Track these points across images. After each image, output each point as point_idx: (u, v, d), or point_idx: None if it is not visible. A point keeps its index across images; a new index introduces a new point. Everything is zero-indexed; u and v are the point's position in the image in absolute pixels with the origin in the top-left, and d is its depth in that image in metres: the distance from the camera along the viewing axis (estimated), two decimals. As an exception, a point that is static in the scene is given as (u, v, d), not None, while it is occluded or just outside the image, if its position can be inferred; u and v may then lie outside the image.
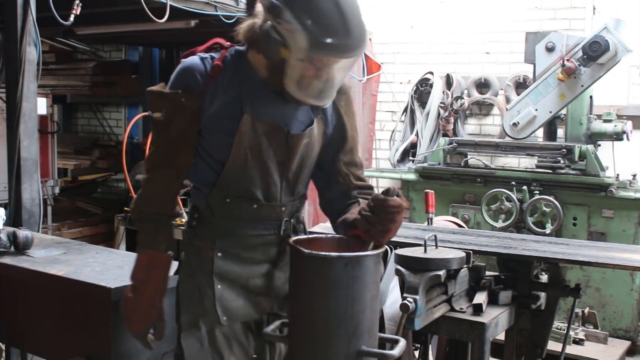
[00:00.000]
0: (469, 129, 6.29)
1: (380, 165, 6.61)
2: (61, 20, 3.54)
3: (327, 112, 2.09)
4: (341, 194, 2.09)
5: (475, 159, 5.53)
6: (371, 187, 2.13)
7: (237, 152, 1.97)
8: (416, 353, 2.81)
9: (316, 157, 2.10)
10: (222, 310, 2.00)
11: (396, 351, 1.80)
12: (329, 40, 1.78)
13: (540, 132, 5.40)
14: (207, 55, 2.05)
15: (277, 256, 2.07)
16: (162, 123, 1.99)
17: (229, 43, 2.09)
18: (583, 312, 4.57)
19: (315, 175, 2.15)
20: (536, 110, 5.03)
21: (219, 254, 2.02)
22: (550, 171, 5.03)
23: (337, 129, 2.11)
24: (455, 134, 6.03)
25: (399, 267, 2.30)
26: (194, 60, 2.04)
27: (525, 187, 4.92)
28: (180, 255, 2.11)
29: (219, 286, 2.01)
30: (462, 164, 5.47)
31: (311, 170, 2.12)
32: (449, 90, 6.10)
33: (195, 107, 1.96)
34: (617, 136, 5.02)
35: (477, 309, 2.43)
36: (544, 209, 4.82)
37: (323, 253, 1.80)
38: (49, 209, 5.23)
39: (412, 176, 5.58)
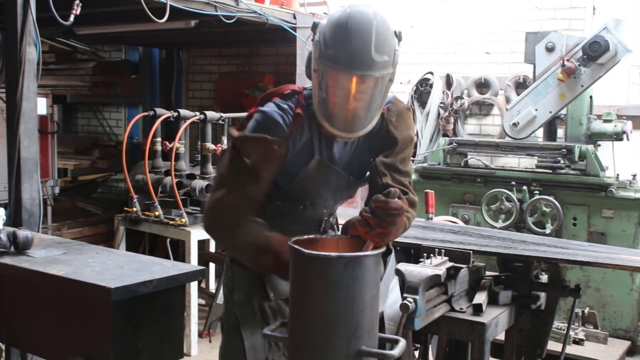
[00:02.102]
0: (469, 129, 6.29)
1: (380, 165, 6.59)
2: (61, 20, 3.54)
3: (377, 128, 2.22)
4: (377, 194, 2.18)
5: (475, 159, 5.53)
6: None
7: (297, 182, 2.24)
8: (416, 353, 2.81)
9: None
10: (270, 288, 2.30)
11: (396, 351, 1.81)
12: (330, 51, 2.01)
13: (540, 132, 5.40)
14: (285, 104, 2.20)
15: None
16: (252, 168, 2.13)
17: (301, 87, 2.26)
18: (583, 312, 4.57)
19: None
20: (536, 110, 5.03)
21: None
22: (550, 171, 5.03)
23: (384, 139, 2.26)
24: (455, 134, 6.03)
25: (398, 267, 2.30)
26: (275, 111, 2.18)
27: (525, 187, 4.93)
28: None
29: None
30: (462, 164, 5.47)
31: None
32: (449, 90, 6.10)
33: (283, 153, 2.17)
34: (617, 136, 5.01)
35: (477, 309, 2.43)
36: (544, 209, 4.82)
37: (323, 253, 1.80)
38: (49, 209, 5.23)
39: (412, 176, 5.56)
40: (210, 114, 5.11)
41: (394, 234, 1.92)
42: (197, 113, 5.09)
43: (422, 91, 6.22)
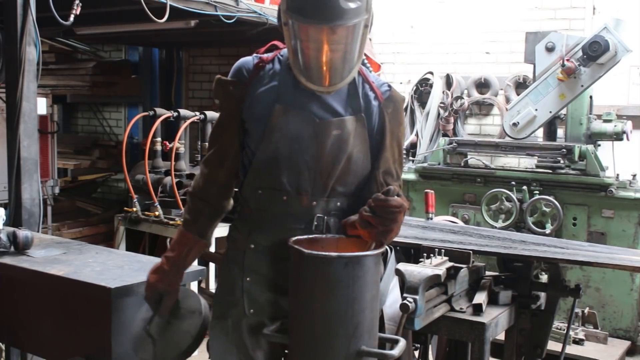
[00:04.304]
0: (469, 129, 6.29)
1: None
2: (61, 20, 3.54)
3: (372, 114, 2.09)
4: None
5: (475, 159, 5.53)
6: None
7: (267, 141, 2.04)
8: (416, 353, 2.81)
9: (357, 156, 2.08)
10: (249, 303, 2.07)
11: (396, 351, 1.81)
12: (296, 2, 1.89)
13: (540, 132, 5.40)
14: (259, 55, 2.16)
15: None
16: (218, 109, 2.17)
17: (284, 44, 2.14)
18: (583, 312, 4.57)
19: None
20: (536, 110, 5.03)
21: (252, 246, 2.08)
22: (550, 171, 5.03)
23: (379, 134, 2.10)
24: (455, 134, 6.03)
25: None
26: (246, 58, 2.16)
27: (525, 187, 4.93)
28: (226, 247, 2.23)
29: (248, 279, 2.07)
30: (462, 164, 5.47)
31: (352, 170, 2.09)
32: (449, 90, 6.10)
33: (239, 96, 2.08)
34: (617, 136, 5.02)
35: (477, 309, 2.43)
36: (544, 209, 4.82)
37: (323, 253, 1.80)
38: (49, 209, 5.23)
39: (412, 176, 5.58)
40: (210, 114, 5.11)
41: (395, 232, 1.91)
42: (197, 113, 5.09)
43: (422, 91, 6.22)
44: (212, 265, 5.57)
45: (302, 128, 2.03)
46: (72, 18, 3.64)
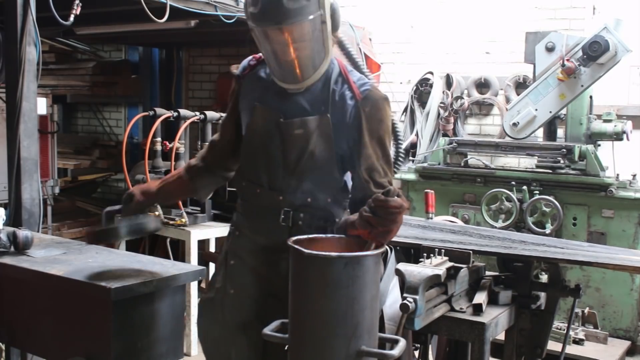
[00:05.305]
0: (469, 129, 6.29)
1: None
2: (61, 20, 3.54)
3: (346, 113, 2.15)
4: (360, 200, 2.06)
5: (475, 159, 5.54)
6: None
7: (248, 138, 2.26)
8: (416, 353, 2.81)
9: (319, 154, 2.16)
10: (231, 283, 2.29)
11: (396, 351, 1.81)
12: (249, 9, 2.04)
13: (540, 132, 5.40)
14: (257, 55, 2.32)
15: (281, 245, 2.02)
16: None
17: None
18: (583, 312, 4.57)
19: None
20: (536, 110, 5.03)
21: (237, 233, 2.33)
22: (550, 171, 5.03)
23: (356, 132, 2.15)
24: (455, 134, 6.03)
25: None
26: (249, 57, 2.35)
27: (525, 187, 4.93)
28: None
29: (232, 262, 2.31)
30: (462, 164, 5.47)
31: (315, 167, 2.17)
32: (449, 90, 6.10)
33: (236, 90, 2.34)
34: (617, 136, 5.02)
35: (477, 309, 2.43)
36: (544, 209, 4.82)
37: (323, 253, 1.80)
38: (49, 209, 5.23)
39: (412, 176, 5.58)
40: (210, 114, 5.11)
41: (395, 232, 1.92)
42: (197, 113, 5.09)
43: (422, 91, 6.22)
44: (212, 265, 5.58)
45: (271, 127, 2.19)
46: (72, 18, 3.64)
